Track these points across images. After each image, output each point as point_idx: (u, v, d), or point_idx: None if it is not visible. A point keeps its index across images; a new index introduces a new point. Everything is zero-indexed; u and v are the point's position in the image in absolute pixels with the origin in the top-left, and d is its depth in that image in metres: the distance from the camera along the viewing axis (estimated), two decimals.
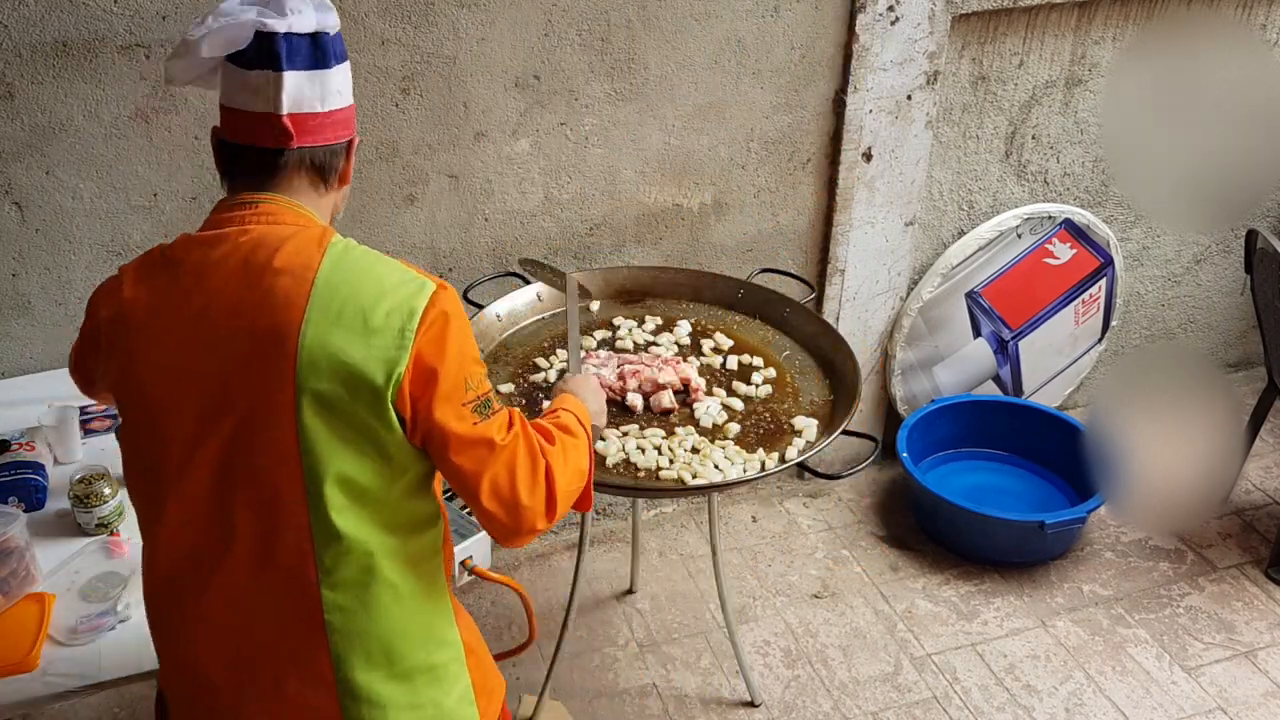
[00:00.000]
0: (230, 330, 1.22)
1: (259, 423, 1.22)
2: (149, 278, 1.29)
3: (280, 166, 1.30)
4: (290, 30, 1.27)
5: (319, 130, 1.31)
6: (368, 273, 1.24)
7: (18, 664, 1.54)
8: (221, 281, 1.24)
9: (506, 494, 1.30)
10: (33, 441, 1.94)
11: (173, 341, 1.25)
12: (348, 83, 1.34)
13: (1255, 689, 2.52)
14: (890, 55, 2.62)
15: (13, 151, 2.10)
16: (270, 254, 1.24)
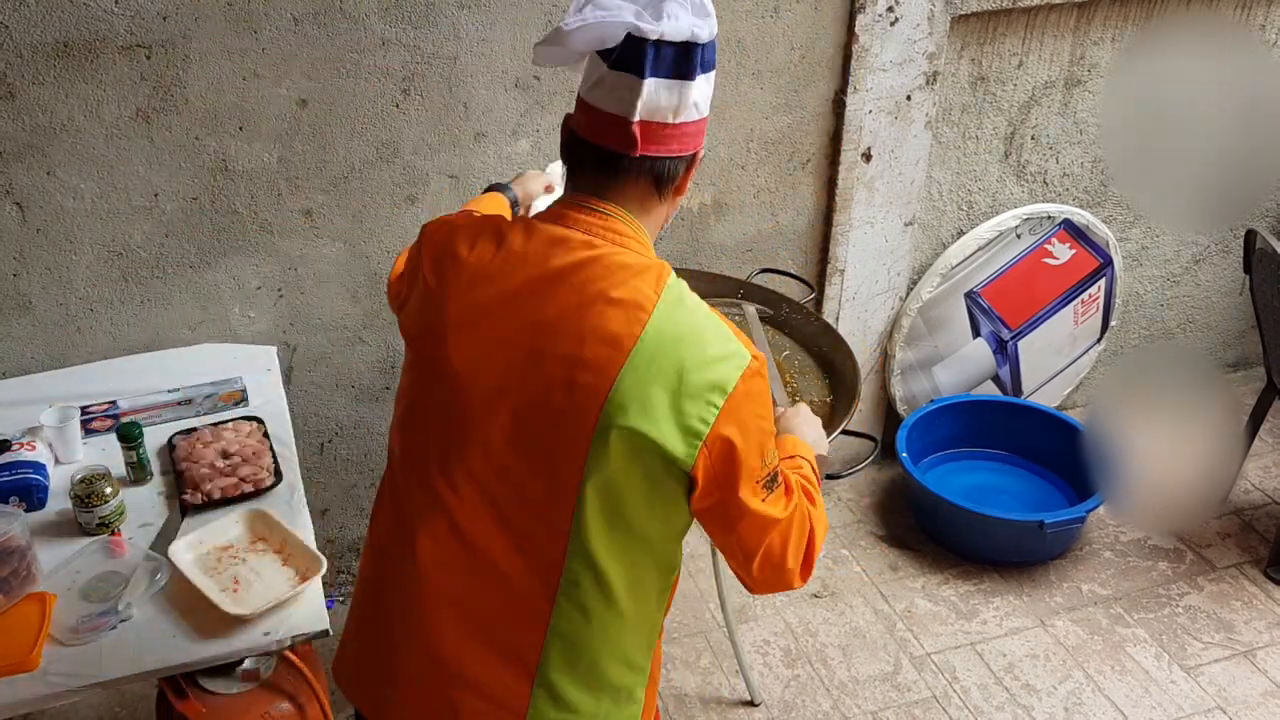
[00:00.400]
0: (550, 349, 1.22)
1: (548, 443, 1.23)
2: (482, 251, 1.30)
3: (621, 171, 1.27)
4: (662, 37, 1.21)
5: (666, 141, 1.27)
6: (695, 332, 1.23)
7: (18, 664, 1.54)
8: (558, 290, 1.23)
9: (777, 561, 1.31)
10: (33, 441, 1.94)
11: (486, 331, 1.26)
12: (707, 95, 1.29)
13: (1254, 689, 2.52)
14: (890, 56, 2.62)
15: (14, 151, 2.10)
16: (610, 283, 1.22)
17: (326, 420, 2.57)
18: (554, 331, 1.22)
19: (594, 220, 1.27)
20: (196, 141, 2.20)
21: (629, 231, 1.28)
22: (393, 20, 2.22)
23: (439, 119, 2.35)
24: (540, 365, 1.23)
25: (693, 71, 1.24)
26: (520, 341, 1.24)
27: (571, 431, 1.22)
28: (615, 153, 1.26)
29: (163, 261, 2.29)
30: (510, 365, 1.25)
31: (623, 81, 1.23)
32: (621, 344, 1.20)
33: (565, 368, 1.21)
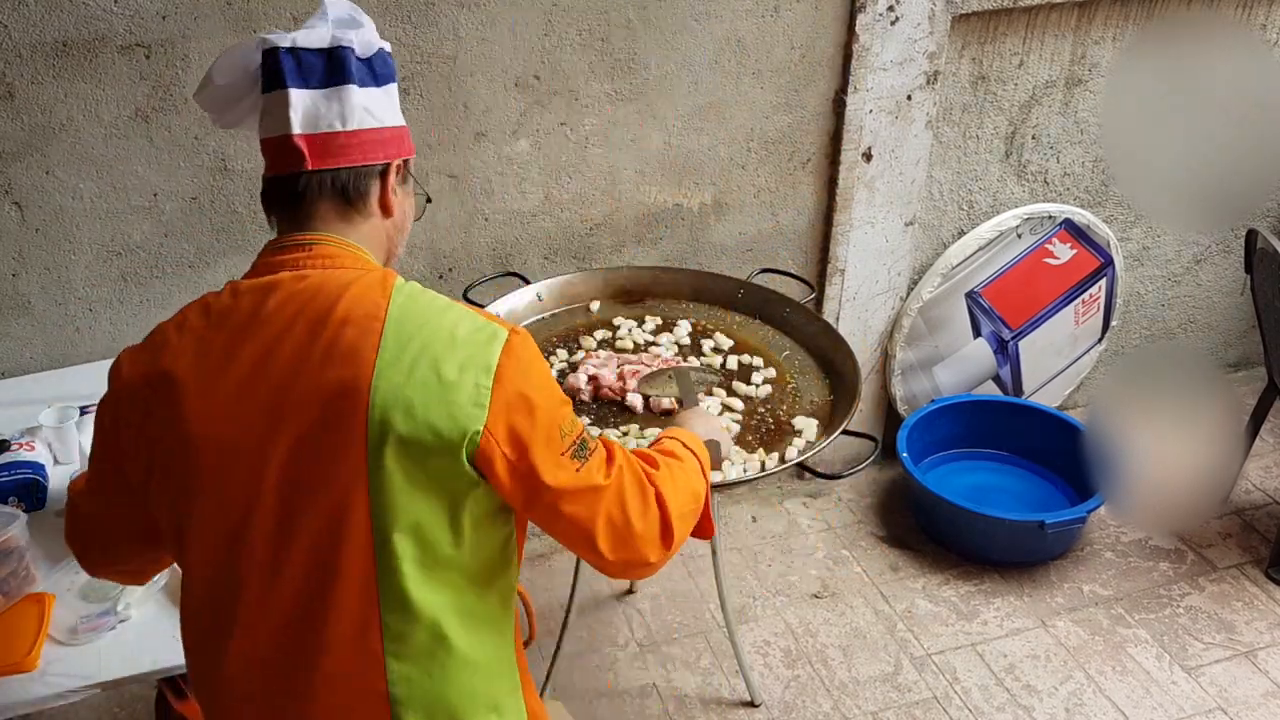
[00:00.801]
0: (292, 387, 1.13)
1: (322, 485, 1.13)
2: (193, 330, 1.19)
3: (303, 194, 1.22)
4: (295, 45, 1.21)
5: (340, 151, 1.22)
6: (438, 322, 1.16)
7: (18, 664, 1.54)
8: (279, 333, 1.15)
9: (622, 531, 1.23)
10: (33, 441, 1.94)
11: (225, 398, 1.15)
12: (384, 104, 1.25)
13: (1255, 689, 2.52)
14: (890, 55, 2.62)
15: (13, 151, 2.10)
16: (332, 302, 1.15)
17: None
18: (293, 376, 1.13)
19: (299, 255, 1.20)
20: (196, 141, 2.20)
21: (338, 252, 1.21)
22: (392, 20, 2.22)
23: (439, 119, 2.35)
24: (288, 417, 1.13)
25: (349, 78, 1.22)
26: (263, 403, 1.14)
27: (343, 473, 1.12)
28: (291, 175, 1.22)
29: (162, 261, 2.29)
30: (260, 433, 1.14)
31: (274, 100, 1.22)
32: (361, 355, 1.12)
33: (314, 406, 1.12)
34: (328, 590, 1.15)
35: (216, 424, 1.15)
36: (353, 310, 1.15)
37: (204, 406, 1.16)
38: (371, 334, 1.13)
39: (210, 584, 1.21)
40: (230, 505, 1.16)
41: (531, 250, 2.58)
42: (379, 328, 1.14)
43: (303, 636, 1.17)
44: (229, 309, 1.19)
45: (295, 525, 1.15)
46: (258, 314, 1.17)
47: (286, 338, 1.15)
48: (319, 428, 1.13)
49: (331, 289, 1.17)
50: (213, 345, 1.17)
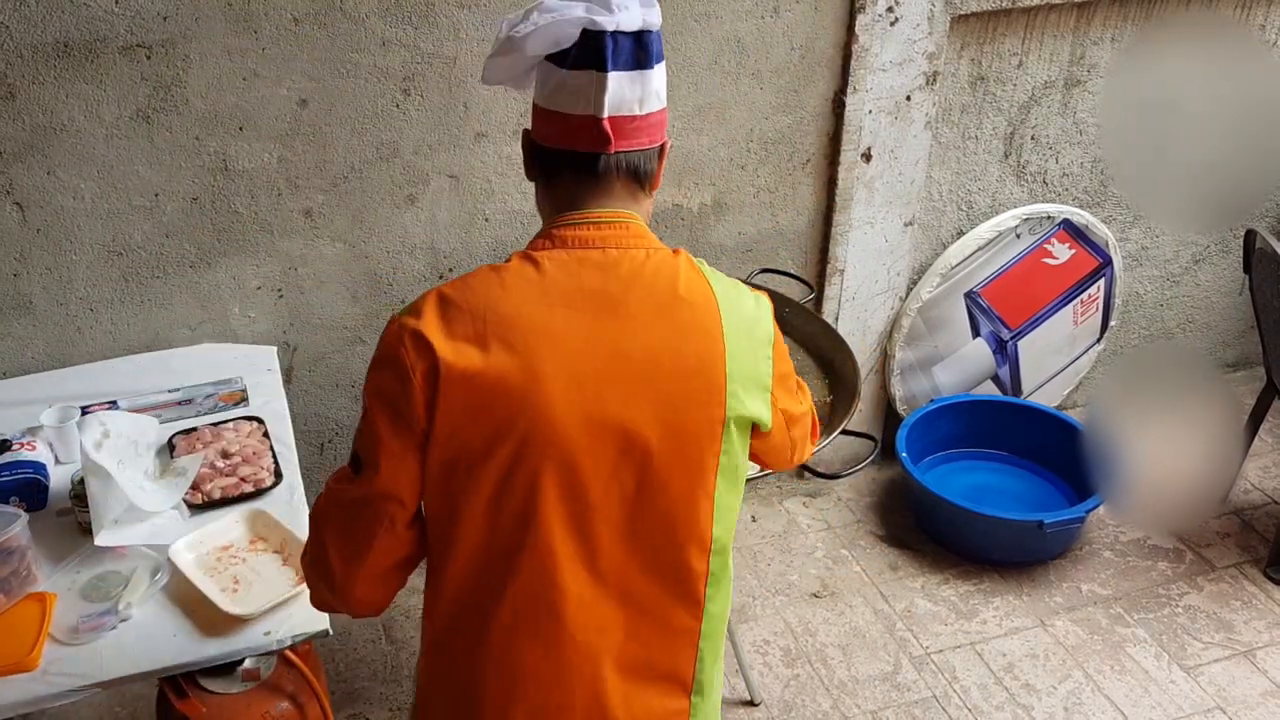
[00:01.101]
0: (654, 365, 1.19)
1: (679, 452, 1.21)
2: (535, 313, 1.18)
3: (601, 172, 1.25)
4: (618, 28, 1.20)
5: (635, 134, 1.24)
6: (736, 293, 1.26)
7: (18, 664, 1.54)
8: (635, 314, 1.19)
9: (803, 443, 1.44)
10: (33, 441, 1.94)
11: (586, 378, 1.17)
12: (664, 84, 1.28)
13: (1254, 688, 2.53)
14: (890, 56, 2.62)
15: (14, 151, 2.10)
16: (670, 283, 1.21)
17: (326, 420, 2.57)
18: (652, 352, 1.19)
19: (619, 233, 1.24)
20: (196, 142, 2.20)
21: (643, 231, 1.27)
22: (393, 20, 2.22)
23: (439, 119, 2.35)
24: (652, 390, 1.19)
25: (650, 60, 1.23)
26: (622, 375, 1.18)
27: (701, 440, 1.21)
28: (591, 154, 1.24)
29: (163, 261, 2.29)
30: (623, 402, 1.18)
31: (585, 80, 1.21)
32: (714, 335, 1.21)
33: (677, 383, 1.20)
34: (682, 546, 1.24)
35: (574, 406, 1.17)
36: (690, 290, 1.22)
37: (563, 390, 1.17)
38: (713, 312, 1.22)
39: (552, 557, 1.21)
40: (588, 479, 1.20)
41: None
42: (716, 305, 1.22)
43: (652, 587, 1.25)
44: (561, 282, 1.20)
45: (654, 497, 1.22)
46: (606, 295, 1.20)
47: (642, 321, 1.20)
48: (684, 404, 1.20)
49: (665, 270, 1.23)
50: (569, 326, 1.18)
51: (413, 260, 2.48)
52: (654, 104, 1.25)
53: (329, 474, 1.34)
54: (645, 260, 1.23)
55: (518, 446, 1.17)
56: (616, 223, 1.25)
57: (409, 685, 2.47)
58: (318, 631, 1.66)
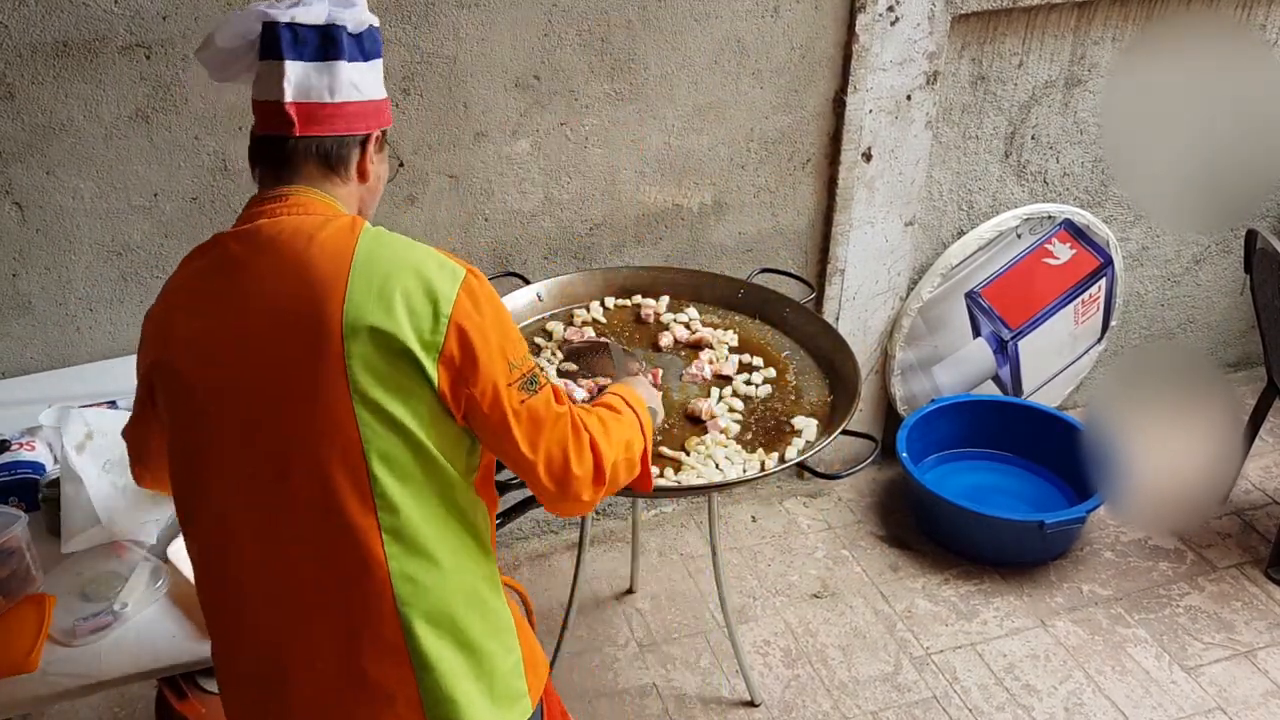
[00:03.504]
0: (273, 314, 1.25)
1: (310, 401, 1.24)
2: (190, 280, 1.32)
3: (289, 154, 1.33)
4: (294, 20, 1.30)
5: (327, 121, 1.33)
6: (403, 257, 1.27)
7: (18, 664, 1.54)
8: (260, 271, 1.26)
9: (560, 469, 1.35)
10: (33, 441, 1.94)
11: (218, 334, 1.27)
12: (370, 78, 1.37)
13: (1255, 689, 2.52)
14: (890, 55, 2.62)
15: (13, 151, 2.10)
16: (306, 239, 1.26)
17: None
18: (271, 309, 1.25)
19: (276, 205, 1.32)
20: (196, 141, 2.20)
21: (309, 202, 1.33)
22: (392, 20, 2.22)
23: (439, 119, 2.35)
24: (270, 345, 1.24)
25: (340, 53, 1.32)
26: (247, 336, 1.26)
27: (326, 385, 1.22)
28: (279, 136, 1.33)
29: (162, 261, 2.29)
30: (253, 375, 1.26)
31: (269, 69, 1.32)
32: (333, 285, 1.23)
33: (293, 329, 1.23)
34: (333, 498, 1.25)
35: (208, 367, 1.27)
36: (325, 245, 1.26)
37: (196, 345, 1.28)
38: (343, 262, 1.25)
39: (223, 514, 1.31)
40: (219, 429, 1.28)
41: (531, 250, 2.58)
42: (349, 258, 1.25)
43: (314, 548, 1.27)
44: (218, 257, 1.30)
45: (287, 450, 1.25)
46: (240, 259, 1.28)
47: (266, 276, 1.26)
48: (301, 348, 1.23)
49: (306, 228, 1.28)
50: (204, 292, 1.30)
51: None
52: (350, 94, 1.34)
53: None
54: (288, 223, 1.28)
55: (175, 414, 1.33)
56: (281, 197, 1.32)
57: None
58: None
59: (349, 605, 1.28)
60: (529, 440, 1.33)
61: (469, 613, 1.33)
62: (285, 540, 1.28)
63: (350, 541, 1.26)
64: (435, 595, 1.30)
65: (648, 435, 1.55)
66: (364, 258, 1.25)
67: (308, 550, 1.27)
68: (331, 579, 1.28)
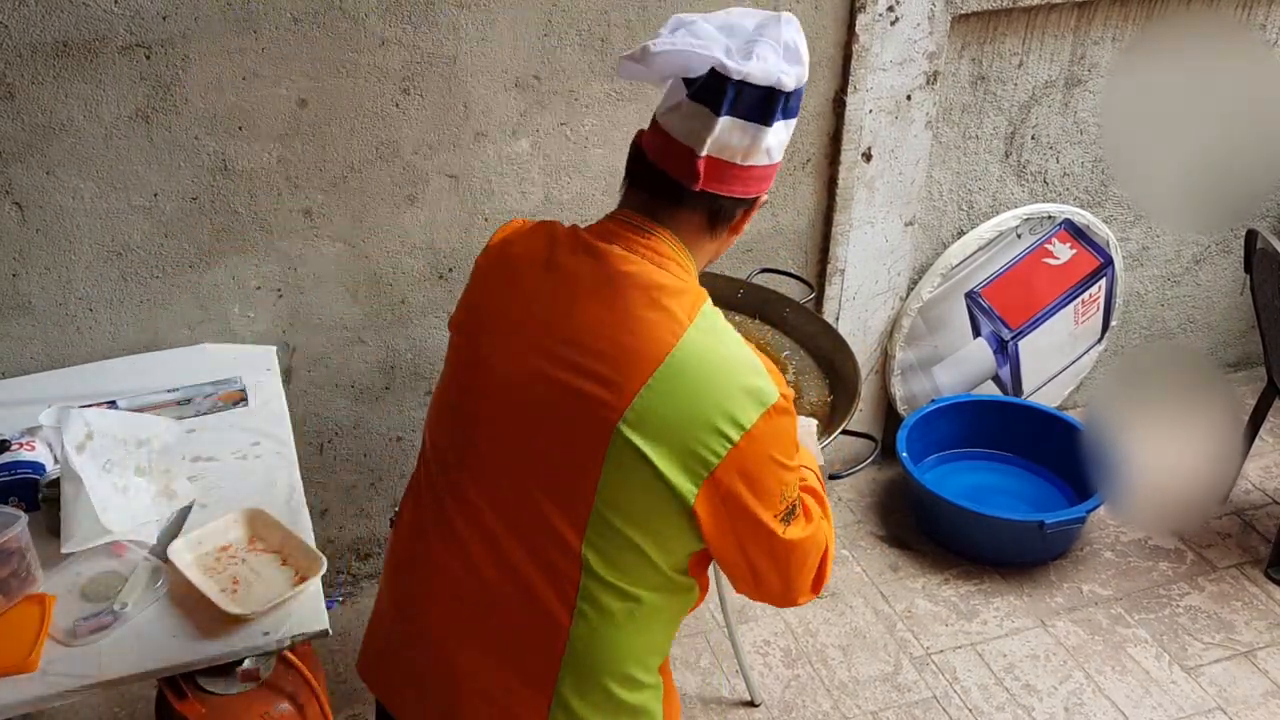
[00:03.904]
0: (576, 355, 1.21)
1: (559, 456, 1.22)
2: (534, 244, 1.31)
3: (679, 200, 1.26)
4: (746, 78, 1.19)
5: (730, 181, 1.25)
6: (725, 362, 1.21)
7: (18, 664, 1.54)
8: (587, 296, 1.23)
9: (788, 582, 1.31)
10: (33, 441, 1.94)
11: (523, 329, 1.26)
12: (782, 141, 1.27)
13: (1255, 689, 2.52)
14: (890, 55, 2.62)
15: (13, 151, 2.10)
16: (646, 296, 1.21)
17: (326, 420, 2.57)
18: (577, 343, 1.21)
19: (636, 238, 1.26)
20: (196, 141, 2.20)
21: (670, 253, 1.27)
22: (392, 20, 2.22)
23: (439, 119, 2.35)
24: (560, 376, 1.22)
25: (771, 117, 1.22)
26: (546, 350, 1.23)
27: (584, 446, 1.20)
28: (676, 182, 1.24)
29: (162, 261, 2.29)
30: (533, 375, 1.24)
31: (698, 113, 1.21)
32: (646, 361, 1.18)
33: (588, 380, 1.20)
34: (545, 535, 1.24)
35: (500, 353, 1.27)
36: (659, 315, 1.21)
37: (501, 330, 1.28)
38: (663, 345, 1.19)
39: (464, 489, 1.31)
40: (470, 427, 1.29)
41: None
42: (673, 341, 1.19)
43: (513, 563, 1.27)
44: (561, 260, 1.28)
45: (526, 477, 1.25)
46: (579, 271, 1.26)
47: (591, 305, 1.22)
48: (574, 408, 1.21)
49: (648, 286, 1.23)
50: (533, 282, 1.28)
51: (412, 260, 2.47)
52: (761, 159, 1.25)
53: (328, 474, 1.38)
54: (637, 270, 1.23)
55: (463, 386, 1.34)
56: (647, 233, 1.27)
57: None
58: (317, 631, 1.66)
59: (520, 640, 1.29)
60: (769, 562, 1.28)
61: (624, 681, 1.31)
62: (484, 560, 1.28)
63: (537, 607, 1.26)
64: (600, 659, 1.28)
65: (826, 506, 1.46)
66: (689, 343, 1.19)
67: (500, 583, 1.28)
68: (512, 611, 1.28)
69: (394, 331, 2.53)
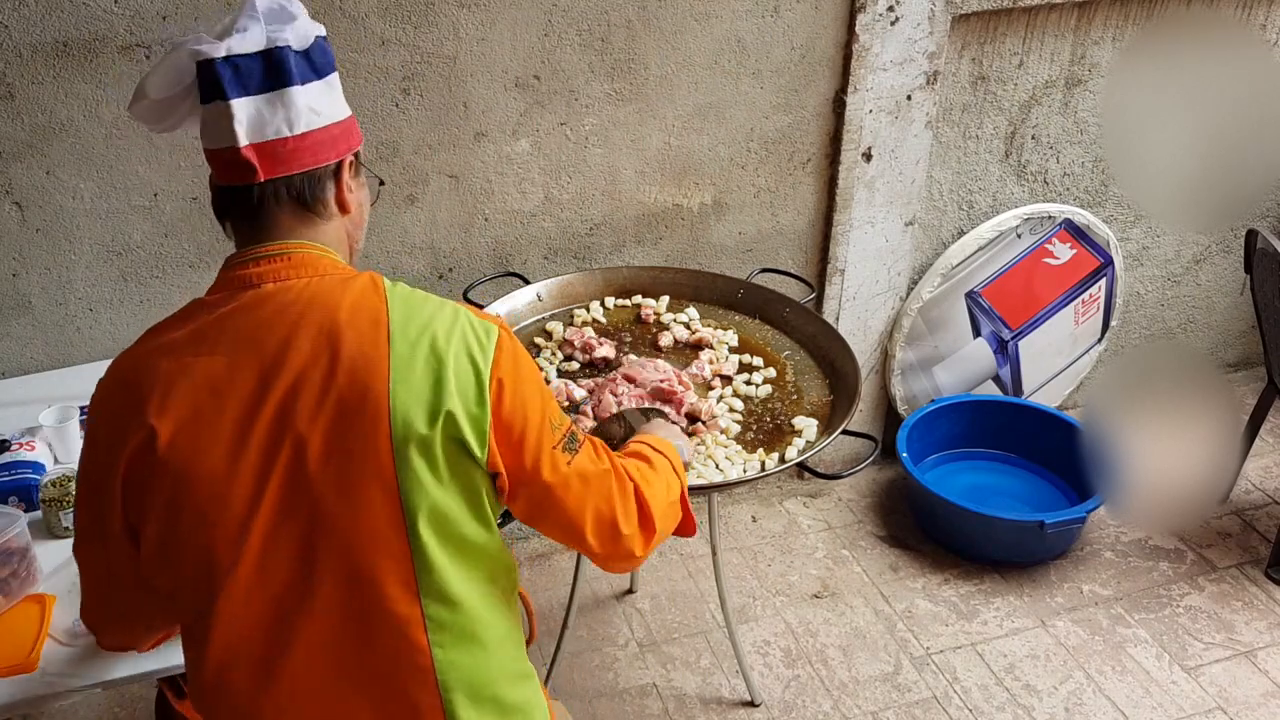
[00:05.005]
0: (299, 401, 1.13)
1: (349, 492, 1.14)
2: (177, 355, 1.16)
3: (258, 203, 1.20)
4: (231, 53, 1.15)
5: (291, 157, 1.18)
6: (432, 320, 1.18)
7: (17, 665, 1.54)
8: (277, 351, 1.14)
9: (609, 525, 1.28)
10: (33, 441, 1.94)
11: (234, 420, 1.13)
12: (328, 98, 1.21)
13: (1255, 689, 2.52)
14: (890, 55, 2.62)
15: (13, 151, 2.10)
16: (332, 312, 1.15)
17: None
18: (299, 391, 1.13)
19: (278, 265, 1.19)
20: (196, 141, 2.17)
21: (316, 258, 1.20)
22: (392, 20, 2.22)
23: (439, 119, 2.35)
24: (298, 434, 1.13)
25: (290, 79, 1.18)
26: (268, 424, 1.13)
27: (368, 478, 1.13)
28: (244, 186, 1.19)
29: (162, 261, 2.29)
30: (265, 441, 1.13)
31: (216, 112, 1.17)
32: (375, 364, 1.13)
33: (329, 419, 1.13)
34: (370, 595, 1.17)
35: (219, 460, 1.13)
36: (355, 318, 1.15)
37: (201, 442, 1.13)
38: (380, 341, 1.14)
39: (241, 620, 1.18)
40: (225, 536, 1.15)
41: (531, 250, 2.58)
42: (385, 334, 1.15)
43: (350, 645, 1.19)
44: (209, 330, 1.16)
45: (320, 540, 1.15)
46: (251, 331, 1.15)
47: (289, 354, 1.14)
48: (337, 438, 1.13)
49: (327, 298, 1.16)
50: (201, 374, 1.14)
51: (413, 260, 2.47)
52: (311, 121, 1.19)
53: None
54: (303, 289, 1.17)
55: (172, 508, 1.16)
56: (277, 256, 1.19)
57: None
58: None
59: (390, 691, 1.21)
60: (576, 503, 1.25)
61: (505, 682, 1.27)
62: (317, 641, 1.18)
63: (391, 633, 1.18)
64: (477, 673, 1.24)
65: (682, 477, 1.46)
66: (399, 326, 1.15)
67: (343, 644, 1.19)
68: (370, 668, 1.20)
69: None
